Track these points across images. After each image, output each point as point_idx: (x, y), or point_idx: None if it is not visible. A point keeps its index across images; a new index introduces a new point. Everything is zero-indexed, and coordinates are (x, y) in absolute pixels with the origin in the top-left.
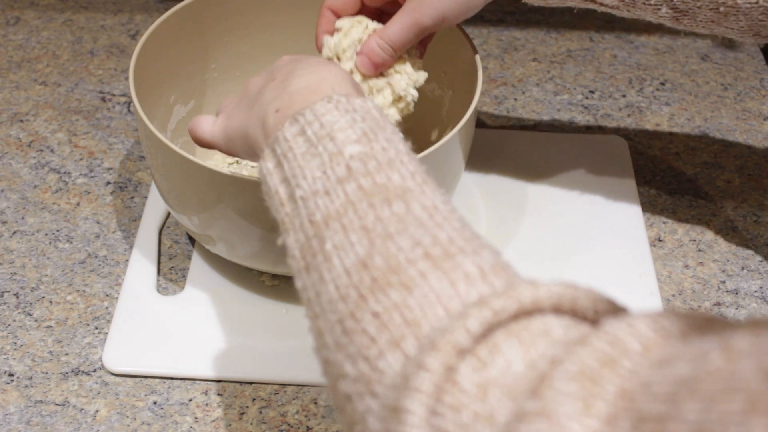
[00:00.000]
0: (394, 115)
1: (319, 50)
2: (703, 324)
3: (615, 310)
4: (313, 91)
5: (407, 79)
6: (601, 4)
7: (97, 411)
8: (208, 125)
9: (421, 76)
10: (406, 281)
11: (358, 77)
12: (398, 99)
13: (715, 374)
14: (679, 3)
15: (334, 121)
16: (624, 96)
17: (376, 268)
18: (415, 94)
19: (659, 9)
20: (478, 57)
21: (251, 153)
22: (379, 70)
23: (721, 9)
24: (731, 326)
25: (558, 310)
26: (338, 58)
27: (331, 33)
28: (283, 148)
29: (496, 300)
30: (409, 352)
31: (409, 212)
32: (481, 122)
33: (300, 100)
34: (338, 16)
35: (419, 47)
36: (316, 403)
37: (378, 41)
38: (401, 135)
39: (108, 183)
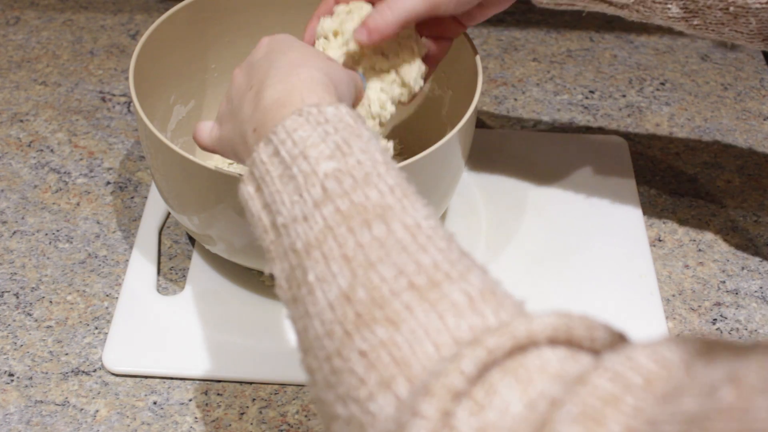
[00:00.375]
0: (401, 94)
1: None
2: (705, 350)
3: (612, 336)
4: (283, 104)
5: (417, 69)
6: (611, 4)
7: (97, 411)
8: (206, 133)
9: (422, 68)
10: (392, 316)
11: (352, 45)
12: (403, 85)
13: (727, 412)
14: (689, 2)
15: (306, 136)
16: (624, 96)
17: (359, 301)
18: (422, 83)
19: (669, 8)
20: (478, 57)
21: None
22: (372, 39)
23: (731, 9)
24: (736, 352)
25: (553, 341)
26: (335, 35)
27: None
28: (261, 171)
29: (489, 337)
30: (401, 395)
31: (390, 234)
32: (481, 122)
33: (272, 116)
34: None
35: (431, 64)
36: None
37: (381, 7)
38: (378, 141)
39: (108, 183)
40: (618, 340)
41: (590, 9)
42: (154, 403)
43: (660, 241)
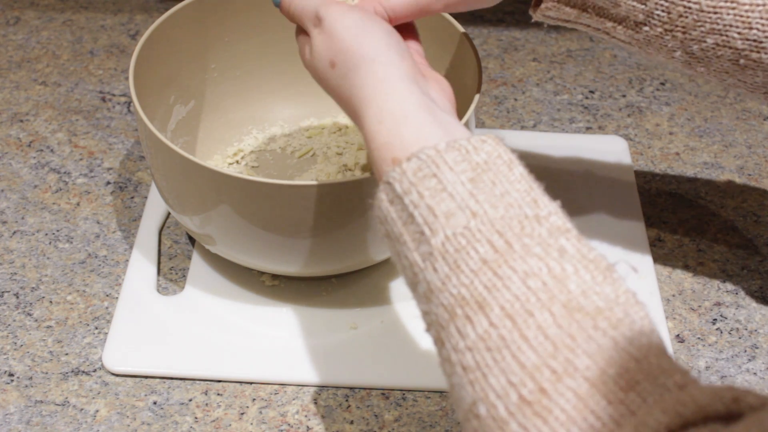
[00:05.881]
0: None
1: None
2: None
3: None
4: (397, 150)
5: None
6: (613, 37)
7: (97, 411)
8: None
9: None
10: None
11: None
12: None
13: None
14: (697, 50)
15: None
16: (624, 96)
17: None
18: None
19: (674, 52)
20: (478, 57)
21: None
22: None
23: (741, 62)
24: None
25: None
26: None
27: None
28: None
29: None
30: None
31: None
32: (481, 122)
33: (386, 162)
34: None
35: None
36: (316, 403)
37: (377, 8)
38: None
39: (108, 183)
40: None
41: (592, 34)
42: (154, 403)
43: (660, 241)
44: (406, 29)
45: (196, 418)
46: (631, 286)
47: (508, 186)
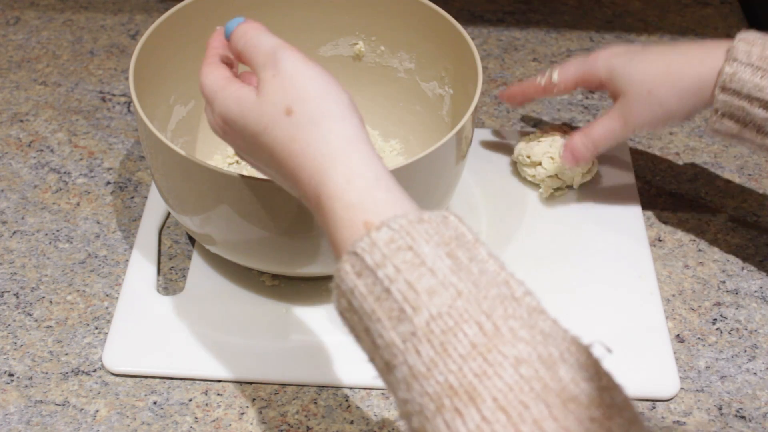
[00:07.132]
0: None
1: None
2: None
3: None
4: (362, 224)
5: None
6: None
7: (97, 411)
8: (234, 104)
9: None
10: None
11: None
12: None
13: None
14: None
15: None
16: None
17: None
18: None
19: None
20: (478, 57)
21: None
22: (578, 163)
23: None
24: None
25: None
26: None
27: None
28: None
29: None
30: None
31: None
32: (481, 122)
33: (355, 225)
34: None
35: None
36: (316, 403)
37: (583, 139)
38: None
39: (108, 183)
40: None
41: (756, 148)
42: (154, 403)
43: (660, 241)
44: None
45: (196, 418)
46: (633, 289)
47: (482, 265)
